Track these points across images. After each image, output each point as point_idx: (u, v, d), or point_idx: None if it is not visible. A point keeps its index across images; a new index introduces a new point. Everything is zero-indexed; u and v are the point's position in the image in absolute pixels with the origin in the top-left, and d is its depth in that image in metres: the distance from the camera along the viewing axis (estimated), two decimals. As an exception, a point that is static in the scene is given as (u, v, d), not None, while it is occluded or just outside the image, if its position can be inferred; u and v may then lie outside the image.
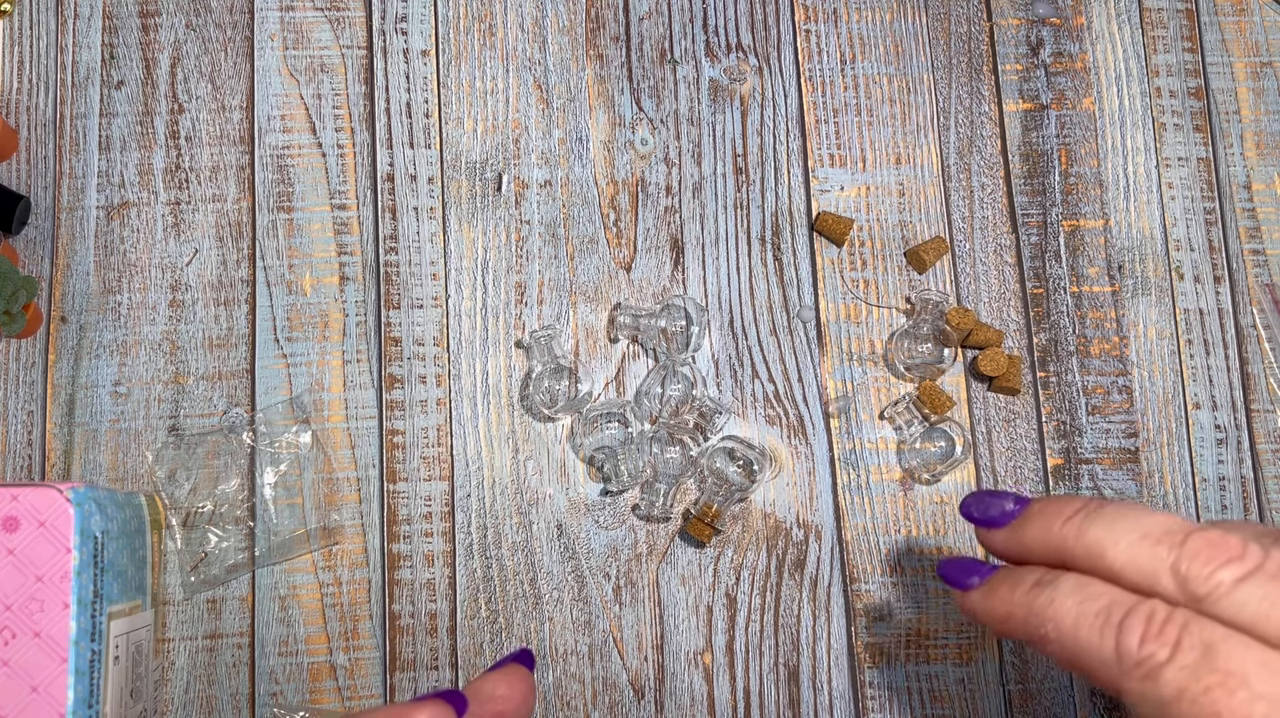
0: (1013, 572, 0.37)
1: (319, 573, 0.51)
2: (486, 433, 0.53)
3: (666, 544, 0.52)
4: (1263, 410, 0.54)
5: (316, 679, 0.50)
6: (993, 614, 0.36)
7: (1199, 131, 0.57)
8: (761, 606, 0.51)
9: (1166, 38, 0.58)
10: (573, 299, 0.54)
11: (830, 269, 0.55)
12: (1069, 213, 0.56)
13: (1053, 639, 0.34)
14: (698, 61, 0.57)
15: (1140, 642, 0.32)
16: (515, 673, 0.38)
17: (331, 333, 0.53)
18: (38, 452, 0.52)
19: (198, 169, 0.55)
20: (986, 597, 0.37)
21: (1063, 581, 0.35)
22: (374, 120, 0.55)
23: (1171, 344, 0.55)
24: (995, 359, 0.53)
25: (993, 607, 0.36)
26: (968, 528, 0.52)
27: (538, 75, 0.56)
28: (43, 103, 0.55)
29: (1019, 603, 0.35)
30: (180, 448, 0.52)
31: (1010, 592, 0.36)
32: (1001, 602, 0.36)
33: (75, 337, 0.53)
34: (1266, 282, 0.56)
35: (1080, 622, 0.33)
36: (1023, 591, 0.35)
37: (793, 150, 0.56)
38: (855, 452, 0.53)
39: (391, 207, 0.55)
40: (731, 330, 0.54)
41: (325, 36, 0.56)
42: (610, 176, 0.55)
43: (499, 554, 0.51)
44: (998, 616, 0.36)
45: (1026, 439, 0.53)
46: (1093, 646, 0.33)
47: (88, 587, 0.42)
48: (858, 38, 0.57)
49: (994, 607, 0.36)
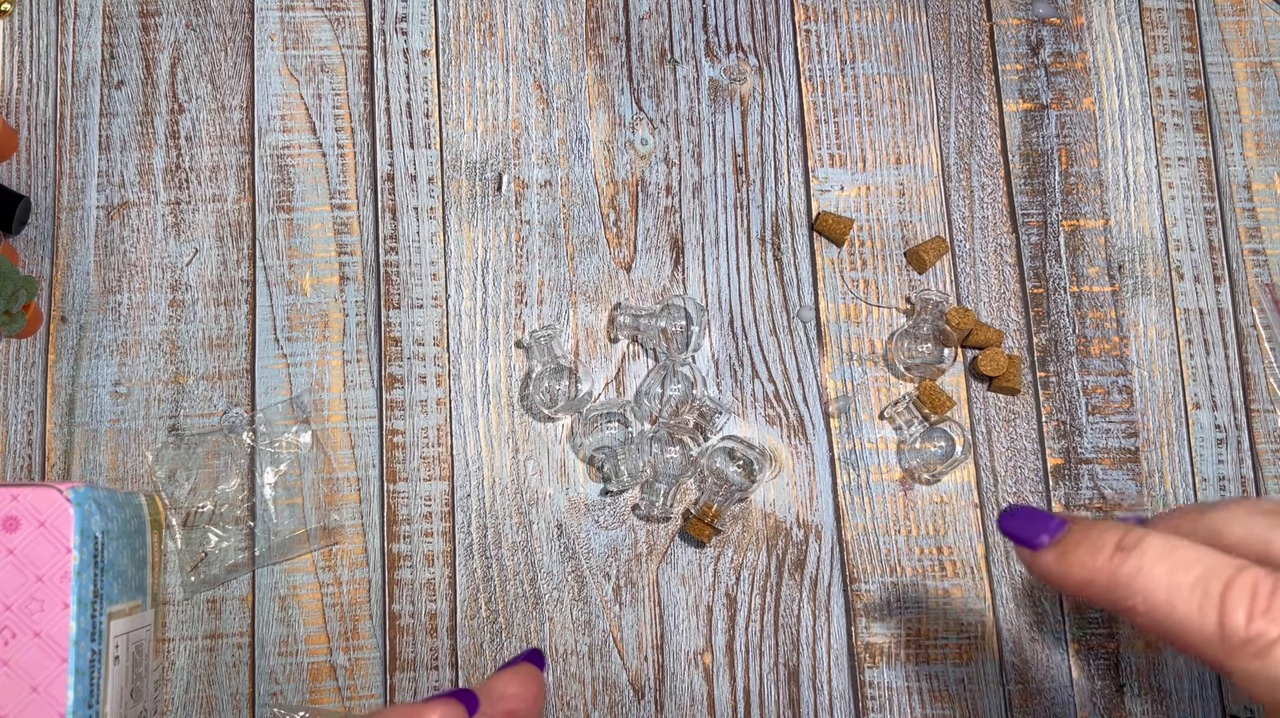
0: (1090, 531, 0.33)
1: (319, 573, 0.51)
2: (486, 433, 0.53)
3: (666, 544, 0.52)
4: (1263, 410, 0.54)
5: (316, 679, 0.50)
6: (1069, 580, 0.33)
7: (1199, 131, 0.57)
8: (761, 606, 0.51)
9: (1166, 38, 0.58)
10: (573, 299, 0.54)
11: (830, 269, 0.55)
12: (1069, 213, 0.56)
13: (1142, 612, 0.31)
14: (698, 61, 0.57)
15: (1248, 619, 0.29)
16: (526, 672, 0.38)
17: (331, 333, 0.53)
18: (38, 452, 0.52)
19: (198, 169, 0.55)
20: (1062, 560, 0.33)
21: (1148, 544, 0.31)
22: (374, 120, 0.55)
23: (1171, 344, 0.55)
24: (995, 359, 0.53)
25: (1069, 571, 0.33)
26: (968, 528, 0.52)
27: (538, 75, 0.56)
28: (43, 103, 0.55)
29: (1101, 569, 0.32)
30: (180, 448, 0.52)
31: (1090, 556, 0.32)
32: (1080, 567, 0.33)
33: (75, 337, 0.53)
34: (1266, 282, 0.56)
35: (1174, 594, 0.30)
36: (1104, 556, 0.32)
37: (793, 150, 0.56)
38: (855, 452, 0.53)
39: (391, 206, 0.55)
40: (731, 330, 0.54)
41: (325, 36, 0.56)
42: (610, 176, 0.55)
43: (499, 554, 0.51)
44: (1075, 582, 0.33)
45: (1026, 439, 0.53)
46: (1191, 621, 0.30)
47: (88, 587, 0.42)
48: (858, 38, 0.57)
49: (1071, 572, 0.33)
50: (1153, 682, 0.51)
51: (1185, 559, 0.31)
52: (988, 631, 0.51)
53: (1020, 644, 0.51)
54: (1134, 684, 0.51)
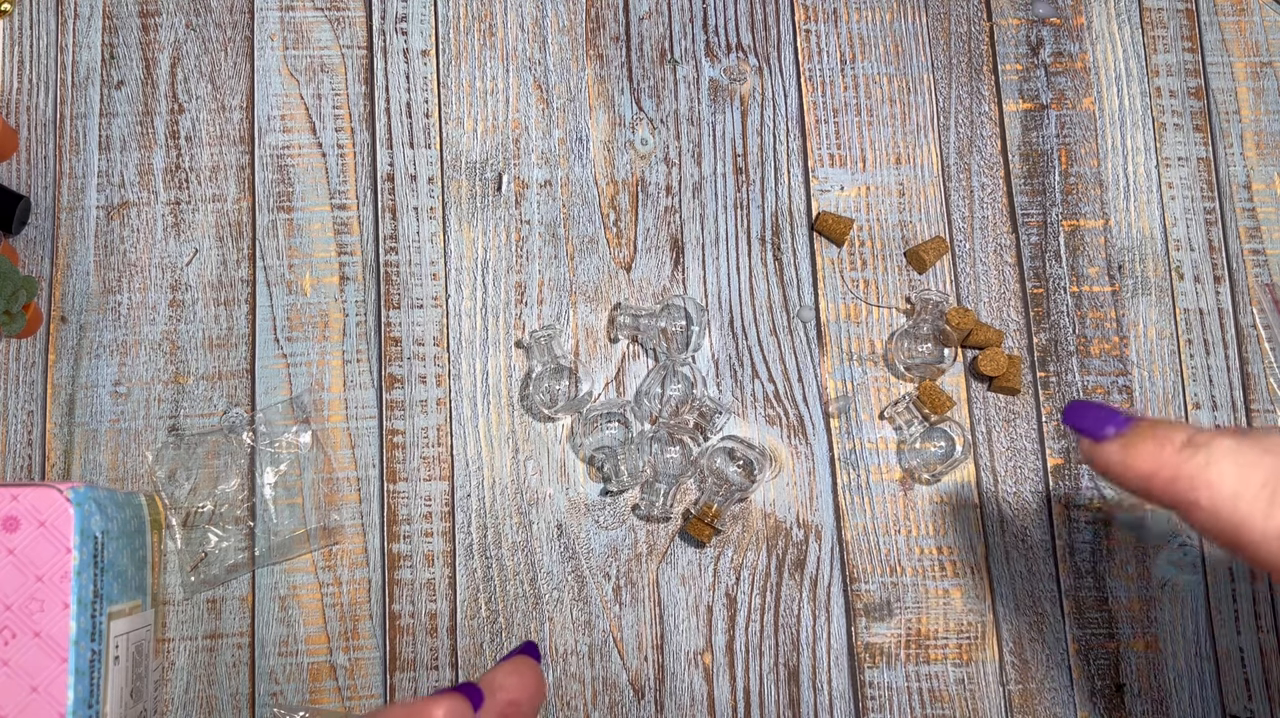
0: (1157, 427, 0.34)
1: (319, 573, 0.51)
2: (486, 433, 0.53)
3: (666, 544, 0.52)
4: (1263, 410, 0.54)
5: (316, 679, 0.50)
6: (1133, 471, 0.33)
7: (1199, 131, 0.57)
8: (761, 606, 0.51)
9: (1166, 38, 0.58)
10: (573, 299, 0.54)
11: (830, 269, 0.55)
12: (1069, 213, 0.56)
13: (1205, 507, 0.31)
14: (698, 61, 0.57)
15: None
16: (523, 663, 0.39)
17: (331, 333, 0.53)
18: (38, 452, 0.52)
19: (198, 169, 0.55)
20: (1127, 450, 0.34)
21: (1218, 442, 0.32)
22: (374, 120, 0.55)
23: (1171, 344, 0.55)
24: (995, 359, 0.53)
25: (1135, 463, 0.33)
26: (968, 528, 0.52)
27: (538, 75, 0.56)
28: (43, 103, 0.55)
29: (1167, 462, 0.32)
30: (180, 448, 0.52)
31: (1157, 449, 0.33)
32: (1147, 458, 0.33)
33: (75, 337, 0.53)
34: (1266, 282, 0.56)
35: (1242, 491, 0.31)
36: (1172, 449, 0.32)
37: (793, 150, 0.56)
38: (855, 452, 0.53)
39: (391, 206, 0.55)
40: (731, 330, 0.54)
41: (325, 36, 0.56)
42: (610, 177, 0.55)
43: (499, 554, 0.51)
44: (1139, 473, 0.33)
45: (1026, 439, 0.53)
46: (1255, 518, 0.30)
47: (88, 587, 0.42)
48: (858, 38, 0.57)
49: (1136, 463, 0.33)
50: (1153, 682, 0.51)
51: (1253, 458, 0.31)
52: (988, 631, 0.51)
53: (1020, 644, 0.51)
54: (1134, 684, 0.51)
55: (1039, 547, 0.52)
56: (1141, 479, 0.33)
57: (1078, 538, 0.52)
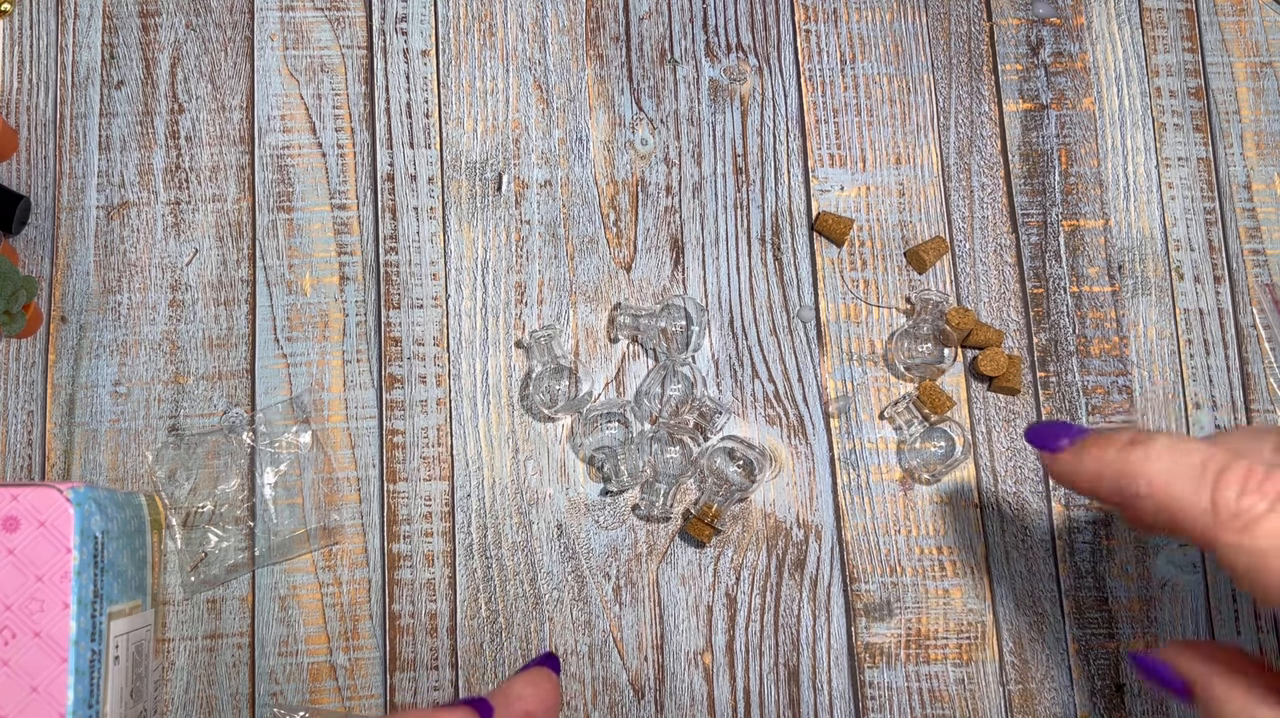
0: (1104, 432, 0.36)
1: (319, 573, 0.51)
2: (486, 433, 0.53)
3: (666, 544, 0.52)
4: (1263, 411, 0.54)
5: (316, 679, 0.50)
6: (1083, 474, 0.36)
7: (1199, 131, 0.57)
8: (761, 606, 0.51)
9: (1166, 38, 0.58)
10: (573, 299, 0.54)
11: (830, 269, 0.55)
12: (1069, 213, 0.56)
13: (1145, 495, 0.34)
14: (698, 61, 0.57)
15: (1239, 494, 0.32)
16: (540, 674, 0.39)
17: (331, 333, 0.53)
18: (38, 452, 0.52)
19: (198, 169, 0.55)
20: (1077, 457, 0.36)
21: (1156, 439, 0.34)
22: (374, 120, 0.55)
23: (1171, 344, 0.55)
24: (995, 359, 0.53)
25: (1084, 466, 0.36)
26: (968, 528, 0.52)
27: (538, 75, 0.56)
28: (43, 103, 0.55)
29: (1111, 461, 0.35)
30: (180, 448, 0.52)
31: (1102, 451, 0.36)
32: (1093, 460, 0.36)
33: (75, 337, 0.53)
34: (1266, 282, 0.56)
35: (1175, 475, 0.33)
36: (1115, 449, 0.35)
37: (793, 150, 0.56)
38: (855, 452, 0.53)
39: (391, 206, 0.55)
40: (731, 330, 0.54)
41: (325, 36, 0.56)
42: (610, 177, 0.55)
43: (499, 554, 0.51)
44: (1088, 475, 0.36)
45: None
46: (1186, 498, 0.33)
47: (88, 587, 0.42)
48: (858, 38, 0.57)
49: (1085, 466, 0.36)
50: (1153, 682, 0.51)
51: (1189, 449, 0.34)
52: (988, 631, 0.51)
53: (1020, 644, 0.51)
54: (1134, 684, 0.51)
55: (1039, 547, 0.52)
56: (1091, 481, 0.36)
57: (1078, 538, 0.52)
